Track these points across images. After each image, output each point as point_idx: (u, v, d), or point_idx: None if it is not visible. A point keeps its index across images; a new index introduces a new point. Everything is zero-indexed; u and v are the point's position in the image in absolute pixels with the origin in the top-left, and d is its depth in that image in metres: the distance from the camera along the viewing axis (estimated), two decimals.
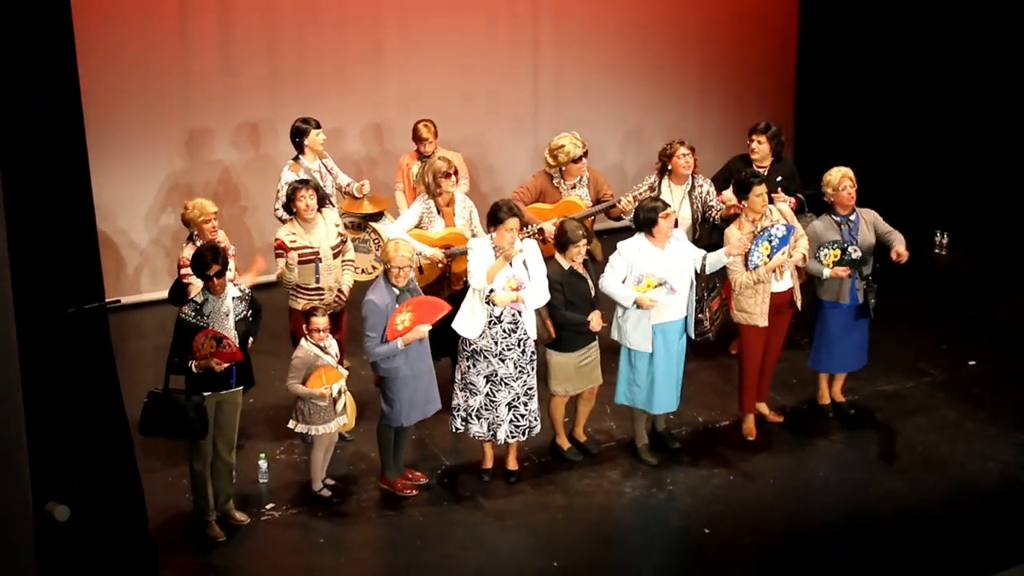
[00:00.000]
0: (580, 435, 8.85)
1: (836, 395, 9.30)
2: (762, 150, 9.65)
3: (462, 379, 8.27)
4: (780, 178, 9.53)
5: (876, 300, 8.77)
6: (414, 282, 8.12)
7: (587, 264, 8.38)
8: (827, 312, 8.86)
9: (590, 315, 8.23)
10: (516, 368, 8.16)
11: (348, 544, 7.92)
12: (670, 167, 9.38)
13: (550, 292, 8.12)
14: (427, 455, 8.77)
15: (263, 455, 8.53)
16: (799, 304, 8.79)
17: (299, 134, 9.52)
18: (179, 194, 10.90)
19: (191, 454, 7.78)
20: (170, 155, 11.10)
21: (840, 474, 8.59)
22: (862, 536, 7.95)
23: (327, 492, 8.28)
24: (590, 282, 8.32)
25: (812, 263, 8.63)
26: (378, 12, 11.55)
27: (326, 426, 8.06)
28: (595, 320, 8.23)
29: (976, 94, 12.52)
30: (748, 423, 8.98)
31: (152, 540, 7.36)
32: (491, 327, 8.08)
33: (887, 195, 10.30)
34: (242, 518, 8.05)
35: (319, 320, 7.96)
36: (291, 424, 8.12)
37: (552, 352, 8.38)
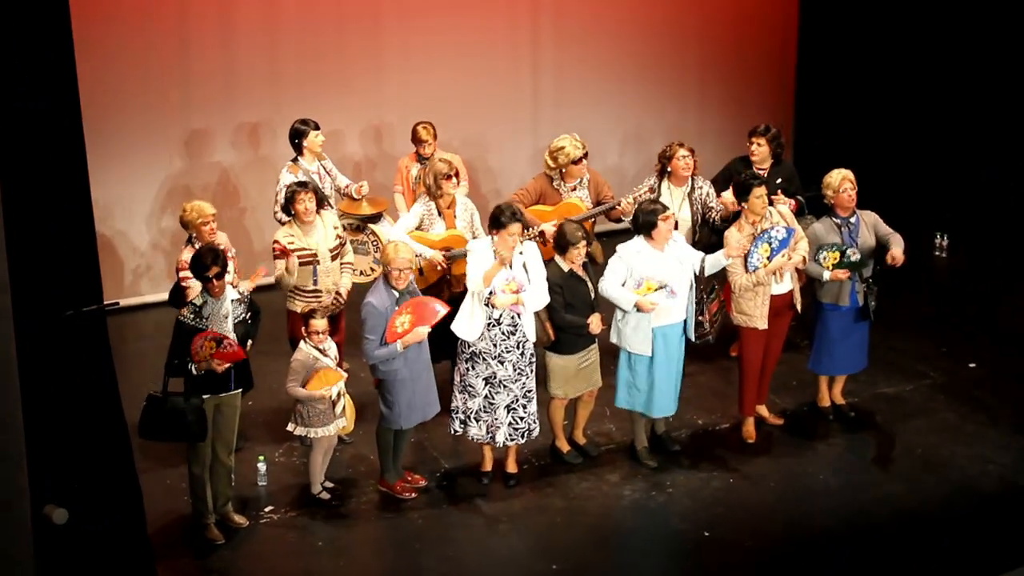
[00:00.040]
0: (579, 438, 8.84)
1: (836, 397, 9.29)
2: (762, 152, 9.64)
3: (461, 381, 8.25)
4: (780, 180, 9.52)
5: (876, 303, 8.75)
6: (413, 284, 8.11)
7: (587, 266, 8.36)
8: (827, 314, 8.85)
9: (590, 318, 8.21)
10: (515, 370, 8.14)
11: (347, 547, 7.91)
12: (669, 169, 9.38)
13: (550, 295, 8.11)
14: (426, 458, 8.76)
15: (262, 458, 8.53)
16: (799, 306, 8.78)
17: (298, 135, 9.50)
18: (178, 195, 10.89)
19: (190, 457, 7.78)
20: (169, 156, 11.08)
21: (840, 477, 8.58)
22: (862, 539, 7.93)
23: (326, 495, 8.27)
24: (590, 284, 8.30)
25: (812, 265, 8.62)
26: (378, 14, 11.54)
27: (325, 429, 8.05)
28: (595, 323, 8.22)
29: (976, 94, 12.51)
30: (748, 426, 8.97)
31: (150, 543, 7.34)
32: (490, 329, 8.06)
33: (887, 196, 10.29)
34: (241, 521, 8.04)
35: (318, 322, 7.95)
36: (290, 427, 8.11)
37: (551, 355, 8.36)
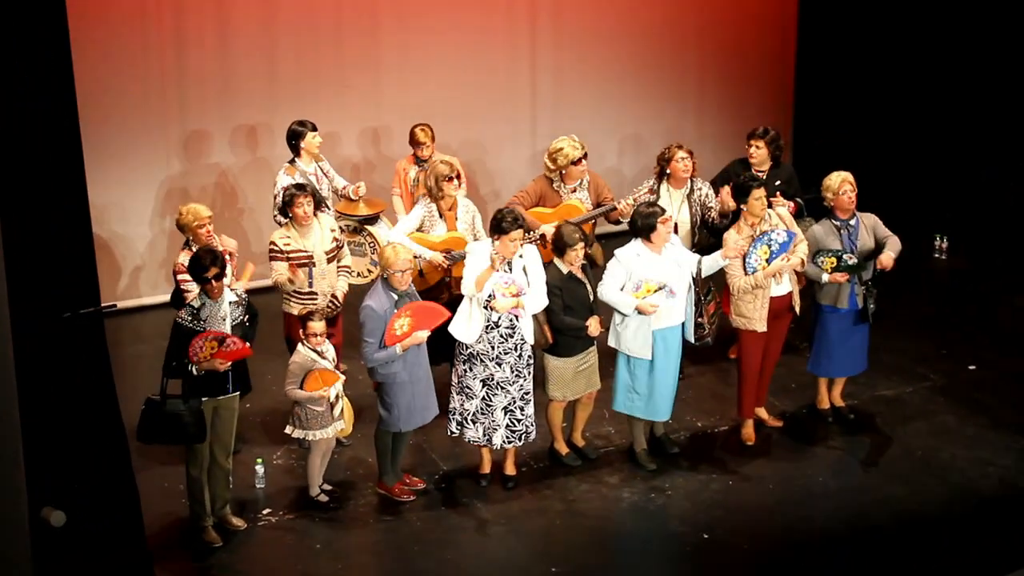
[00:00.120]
0: (578, 440, 8.82)
1: (835, 400, 9.27)
2: (760, 155, 9.62)
3: (459, 382, 8.23)
4: (779, 182, 9.51)
5: (876, 305, 8.73)
6: (412, 287, 8.09)
7: (586, 269, 8.35)
8: (826, 316, 8.84)
9: (588, 320, 8.20)
10: (513, 372, 8.12)
11: (345, 549, 7.90)
12: (668, 171, 9.36)
13: (549, 297, 8.09)
14: (425, 460, 8.74)
15: (260, 460, 8.51)
16: (798, 309, 8.77)
17: (295, 137, 9.47)
18: (176, 197, 10.87)
19: (187, 459, 7.76)
20: (167, 158, 11.06)
21: (839, 479, 8.57)
22: (862, 541, 7.92)
23: (324, 497, 8.25)
24: (589, 287, 8.29)
25: (811, 267, 8.61)
26: (376, 16, 11.52)
27: (323, 431, 8.03)
28: (594, 325, 8.20)
29: (976, 94, 12.49)
30: (747, 428, 8.95)
31: (148, 546, 7.32)
32: (488, 332, 8.04)
33: (887, 197, 10.29)
34: (239, 523, 8.02)
35: (316, 325, 7.93)
36: (288, 429, 8.09)
37: (550, 357, 8.35)
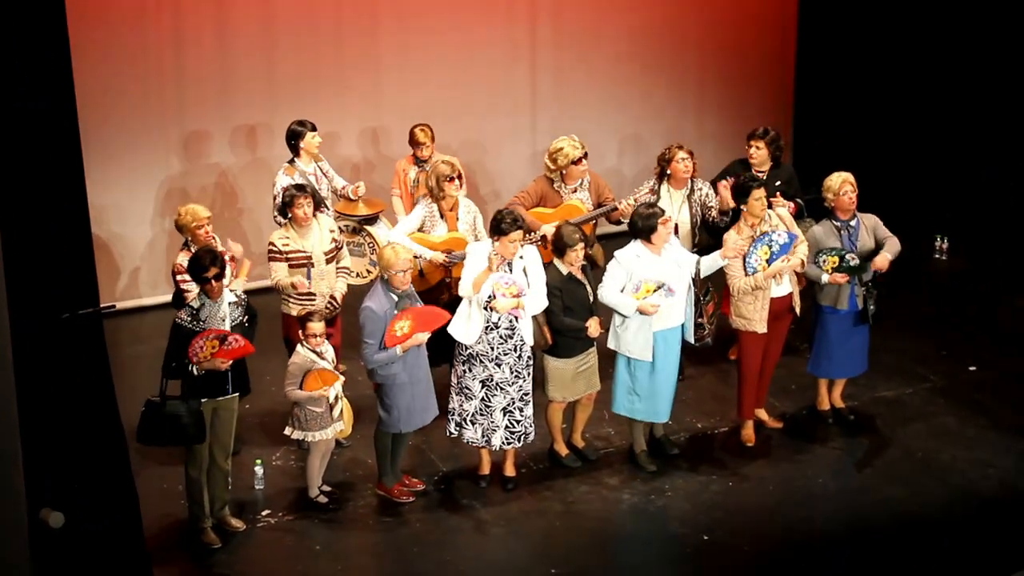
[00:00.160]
0: (578, 441, 8.81)
1: (836, 401, 9.26)
2: (760, 155, 9.61)
3: (458, 383, 8.22)
4: (779, 183, 9.50)
5: (876, 307, 8.72)
6: (412, 288, 8.07)
7: (586, 270, 8.33)
8: (826, 317, 8.83)
9: (588, 321, 8.18)
10: (512, 373, 8.11)
11: (345, 551, 7.88)
12: (669, 171, 9.35)
13: (548, 298, 8.08)
14: (424, 461, 8.73)
15: (259, 461, 8.50)
16: (798, 310, 8.75)
17: (295, 136, 9.46)
18: (175, 197, 10.85)
19: (187, 460, 7.75)
20: (167, 158, 11.05)
21: (839, 480, 8.56)
22: (861, 543, 7.92)
23: (323, 499, 8.24)
24: (588, 288, 8.27)
25: (811, 268, 8.60)
26: (376, 16, 11.51)
27: (322, 432, 8.02)
28: (593, 326, 8.18)
29: (976, 94, 12.48)
30: (747, 429, 8.94)
31: (147, 547, 7.31)
32: (488, 333, 8.03)
33: (887, 197, 10.28)
34: (238, 525, 8.00)
35: (315, 325, 7.92)
36: (287, 431, 8.08)
37: (550, 358, 8.33)
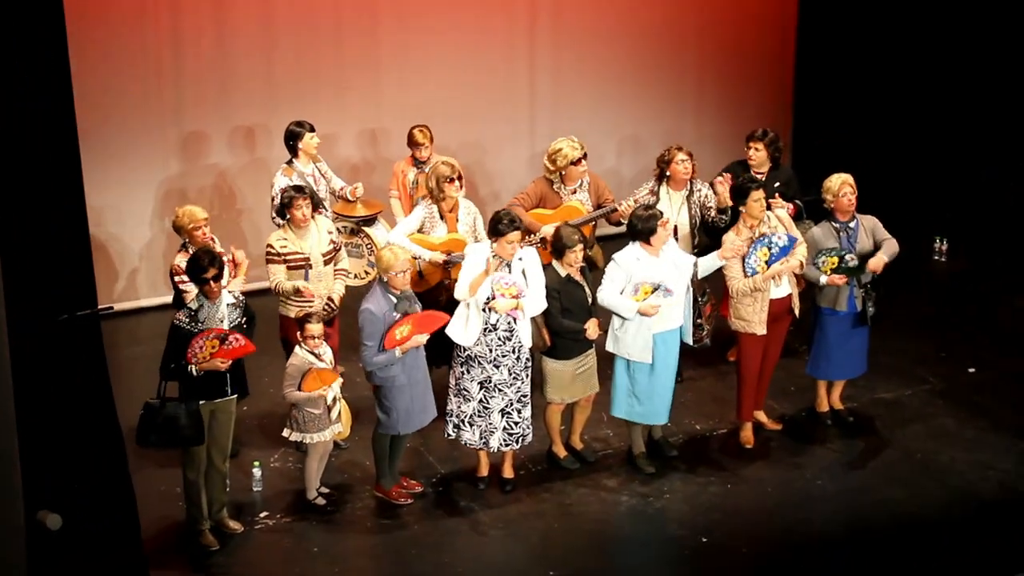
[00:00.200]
0: (576, 443, 8.80)
1: (835, 403, 9.25)
2: (759, 157, 9.60)
3: (456, 384, 8.21)
4: (778, 184, 9.50)
5: (875, 309, 8.71)
6: (410, 290, 8.05)
7: (584, 271, 8.32)
8: (825, 319, 8.82)
9: (587, 323, 8.17)
10: (510, 374, 8.10)
11: (343, 553, 7.87)
12: (668, 173, 9.34)
13: (547, 300, 8.07)
14: (422, 463, 8.72)
15: (257, 463, 8.48)
16: (797, 312, 8.74)
17: (293, 137, 9.44)
18: (174, 198, 10.83)
19: (184, 462, 7.73)
20: (165, 159, 11.03)
21: (838, 482, 8.55)
22: (860, 544, 7.91)
23: (321, 500, 8.23)
24: (587, 290, 8.26)
25: (810, 269, 8.59)
26: (375, 17, 11.50)
27: (320, 434, 8.00)
28: (592, 328, 8.17)
29: (975, 95, 12.47)
30: (746, 431, 8.93)
31: (144, 549, 7.30)
32: (486, 334, 8.02)
33: (886, 198, 10.27)
34: (236, 527, 7.99)
35: (314, 327, 7.91)
36: (285, 433, 8.07)
37: (548, 360, 8.32)
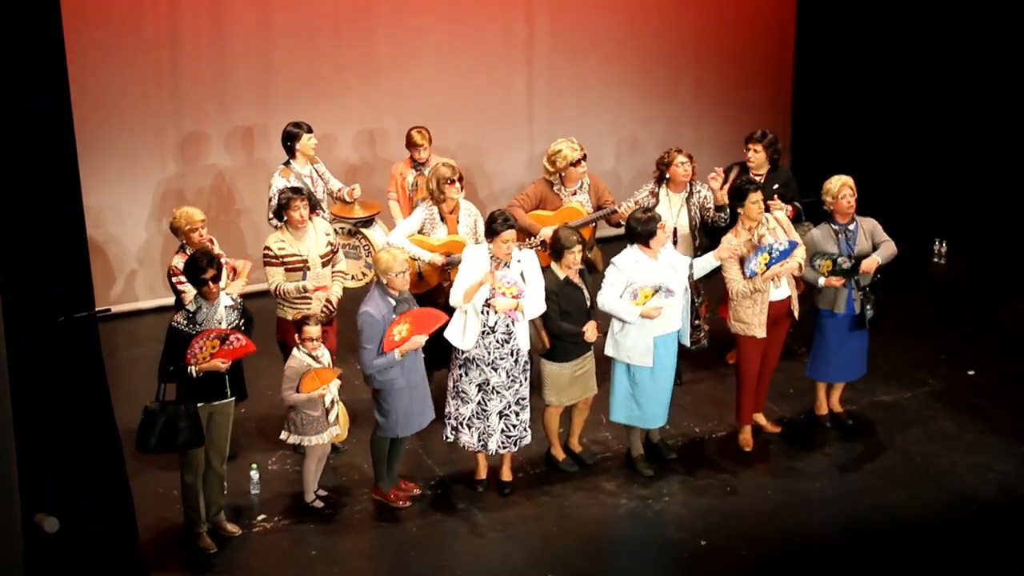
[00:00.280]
0: (575, 445, 8.78)
1: (834, 405, 9.23)
2: (758, 159, 9.59)
3: (454, 387, 8.19)
4: (776, 186, 9.48)
5: (874, 311, 8.70)
6: (408, 292, 8.04)
7: (583, 274, 8.30)
8: (825, 321, 8.81)
9: (585, 325, 8.15)
10: (508, 377, 8.09)
11: (341, 556, 7.86)
12: (668, 175, 9.32)
13: (546, 302, 8.05)
14: (421, 466, 8.70)
15: (255, 466, 8.47)
16: (797, 314, 8.73)
17: (290, 138, 9.43)
18: (171, 200, 10.82)
19: (182, 465, 7.71)
20: (163, 160, 11.02)
21: (838, 485, 8.53)
22: (860, 547, 7.90)
23: (319, 503, 8.21)
24: (586, 292, 8.24)
25: (808, 271, 8.58)
26: (373, 18, 11.49)
27: (319, 437, 7.99)
28: (590, 330, 8.16)
29: (975, 95, 12.47)
30: (745, 434, 8.91)
31: (142, 552, 7.30)
32: (484, 337, 8.00)
33: (886, 199, 10.26)
34: (233, 530, 7.98)
35: (311, 329, 7.90)
36: (283, 435, 8.05)
37: (546, 362, 8.31)
